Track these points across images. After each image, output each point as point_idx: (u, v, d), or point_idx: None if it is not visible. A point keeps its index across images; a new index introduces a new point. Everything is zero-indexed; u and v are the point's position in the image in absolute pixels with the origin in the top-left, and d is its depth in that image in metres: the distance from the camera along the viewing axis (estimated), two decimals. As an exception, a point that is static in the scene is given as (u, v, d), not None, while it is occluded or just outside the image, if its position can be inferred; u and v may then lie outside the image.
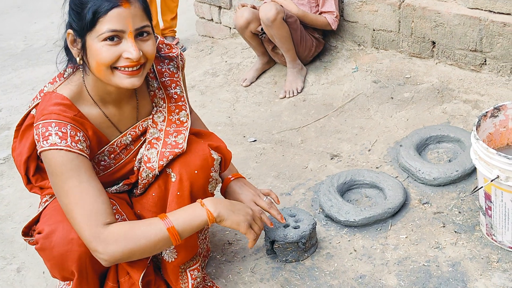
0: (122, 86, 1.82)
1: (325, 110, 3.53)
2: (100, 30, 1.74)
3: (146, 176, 2.07)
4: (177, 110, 2.09)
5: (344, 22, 3.91)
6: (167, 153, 2.03)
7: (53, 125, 1.80)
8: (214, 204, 1.89)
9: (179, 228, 1.82)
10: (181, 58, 2.16)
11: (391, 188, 2.61)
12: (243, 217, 1.93)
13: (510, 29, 3.13)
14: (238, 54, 4.42)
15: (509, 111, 2.34)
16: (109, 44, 1.76)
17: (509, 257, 2.21)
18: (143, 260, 2.02)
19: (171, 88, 2.10)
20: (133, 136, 2.06)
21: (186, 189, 2.03)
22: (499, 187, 2.11)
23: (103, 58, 1.77)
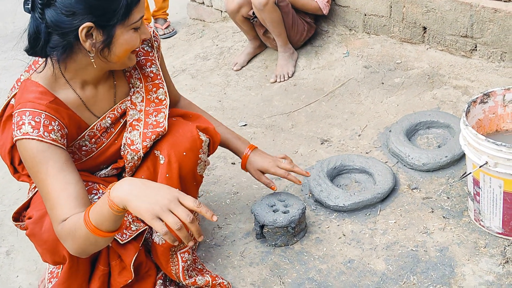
0: (130, 65, 1.93)
1: (315, 94, 3.53)
2: (134, 19, 1.79)
3: (132, 158, 2.06)
4: (154, 89, 2.08)
5: (335, 7, 3.89)
6: (149, 133, 2.02)
7: (27, 114, 1.78)
8: (117, 188, 1.59)
9: (92, 218, 1.62)
10: (156, 38, 2.14)
11: (380, 174, 2.62)
12: (149, 206, 1.54)
13: (500, 15, 3.14)
14: (229, 38, 4.40)
15: (499, 97, 2.34)
16: (135, 31, 1.83)
17: (497, 242, 2.23)
18: (134, 243, 2.02)
19: (146, 67, 2.09)
20: (112, 118, 2.04)
21: (175, 171, 2.03)
22: (488, 173, 2.12)
23: (133, 45, 1.84)
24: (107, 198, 1.59)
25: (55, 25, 1.72)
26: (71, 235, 1.67)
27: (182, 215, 1.54)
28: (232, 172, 2.89)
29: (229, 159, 2.97)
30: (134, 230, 2.02)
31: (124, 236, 1.99)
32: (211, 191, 2.75)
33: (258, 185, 2.76)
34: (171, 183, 2.02)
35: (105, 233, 1.64)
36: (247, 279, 2.25)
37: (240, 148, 2.37)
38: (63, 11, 1.71)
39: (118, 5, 1.74)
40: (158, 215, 1.54)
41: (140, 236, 2.05)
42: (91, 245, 1.69)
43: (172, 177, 2.03)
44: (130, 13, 1.77)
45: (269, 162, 2.33)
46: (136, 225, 2.03)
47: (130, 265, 2.00)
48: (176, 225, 1.54)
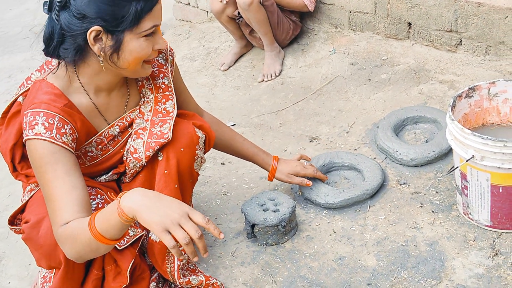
0: (143, 75, 1.94)
1: (303, 93, 3.54)
2: (145, 27, 1.79)
3: (134, 166, 2.09)
4: (163, 100, 2.10)
5: (320, 5, 3.91)
6: (153, 143, 2.04)
7: (41, 114, 1.80)
8: (129, 197, 1.59)
9: (98, 224, 1.62)
10: (171, 52, 2.17)
11: (369, 170, 2.63)
12: (159, 218, 1.55)
13: (484, 9, 3.16)
14: (216, 38, 4.40)
15: (484, 91, 2.36)
16: (148, 39, 1.83)
17: (486, 235, 2.25)
18: (131, 249, 2.02)
19: (158, 78, 2.11)
20: (120, 127, 2.06)
21: (173, 167, 2.05)
22: (475, 166, 2.14)
23: (144, 54, 1.84)
24: (116, 206, 1.59)
25: (67, 27, 1.77)
26: (71, 239, 1.67)
27: (191, 230, 1.55)
28: (222, 172, 2.89)
29: (219, 160, 2.98)
30: (132, 235, 2.03)
31: (122, 242, 1.99)
32: (201, 192, 2.75)
33: (248, 184, 2.77)
34: (170, 179, 2.05)
35: (108, 241, 1.63)
36: (239, 279, 2.26)
37: (267, 161, 2.50)
38: (75, 14, 1.75)
39: (127, 12, 1.76)
40: (167, 228, 1.55)
41: (137, 242, 2.06)
42: (91, 251, 1.69)
43: (171, 173, 2.05)
44: (140, 21, 1.78)
45: (296, 166, 2.51)
46: (134, 231, 2.04)
47: (127, 271, 1.99)
48: (185, 240, 1.54)
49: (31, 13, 5.46)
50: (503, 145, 2.01)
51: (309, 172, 2.53)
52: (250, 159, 2.51)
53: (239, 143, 2.48)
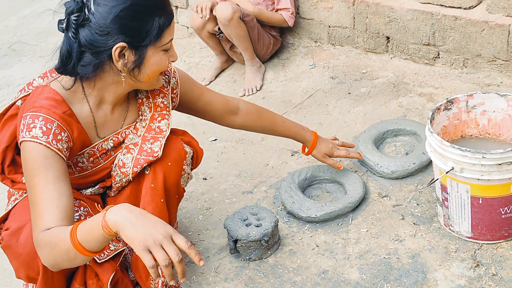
0: (156, 87, 2.03)
1: (284, 107, 3.55)
2: (165, 41, 1.86)
3: (120, 180, 2.09)
4: (159, 118, 2.11)
5: (300, 19, 3.94)
6: (142, 160, 2.05)
7: (40, 118, 1.81)
8: (115, 211, 1.59)
9: (80, 234, 1.61)
10: (174, 74, 2.20)
11: (351, 183, 2.65)
12: (142, 236, 1.54)
13: (461, 22, 3.21)
14: (197, 53, 4.41)
15: (462, 103, 2.39)
16: (165, 53, 1.90)
17: (467, 246, 2.27)
18: (112, 262, 2.01)
19: (158, 97, 2.13)
20: (114, 142, 2.07)
21: (160, 181, 2.06)
22: (455, 178, 2.16)
23: (163, 66, 1.91)
24: (101, 218, 1.59)
25: (89, 44, 1.80)
26: (50, 245, 1.67)
27: (172, 253, 1.55)
28: (204, 187, 2.89)
29: (201, 175, 2.97)
30: (112, 249, 2.02)
31: (102, 255, 1.98)
32: (183, 208, 2.74)
33: (230, 199, 2.77)
34: (156, 194, 2.05)
35: (87, 252, 1.63)
36: (222, 295, 2.25)
37: (308, 137, 2.58)
38: (97, 31, 1.78)
39: (151, 27, 1.82)
40: (149, 248, 1.55)
41: (118, 256, 2.05)
42: (68, 261, 1.68)
43: (157, 187, 2.06)
44: (162, 35, 1.84)
45: (332, 147, 2.61)
46: (115, 245, 2.03)
47: (107, 284, 1.99)
48: (165, 261, 1.54)
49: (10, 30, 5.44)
50: (482, 157, 2.04)
51: (342, 154, 2.63)
52: (291, 137, 2.61)
53: (280, 126, 2.54)
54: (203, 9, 3.70)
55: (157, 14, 1.82)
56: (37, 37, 5.13)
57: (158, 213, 2.04)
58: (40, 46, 4.95)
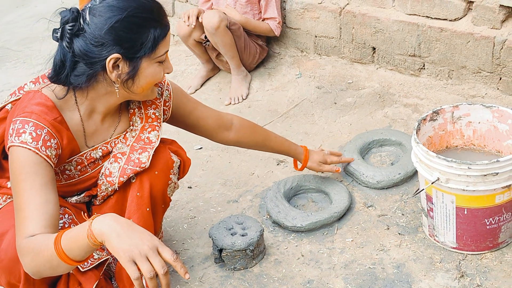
0: (151, 98, 2.01)
1: (270, 116, 3.55)
2: (159, 53, 1.86)
3: (106, 189, 2.07)
4: (149, 129, 2.09)
5: (286, 29, 3.95)
6: (129, 170, 2.03)
7: (30, 124, 1.80)
8: (101, 221, 1.59)
9: (64, 242, 1.60)
10: (167, 87, 2.18)
11: (336, 193, 2.65)
12: (127, 247, 1.54)
13: (447, 34, 3.23)
14: (182, 61, 4.40)
15: (447, 114, 2.41)
16: (160, 64, 1.89)
17: (452, 257, 2.28)
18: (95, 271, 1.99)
19: (150, 109, 2.12)
20: (103, 151, 2.06)
21: (146, 190, 2.05)
22: (440, 189, 2.17)
23: (158, 78, 1.90)
24: (87, 227, 1.58)
25: (83, 54, 1.79)
26: (34, 252, 1.65)
27: (157, 265, 1.55)
28: (189, 196, 2.87)
29: (186, 183, 2.96)
30: (96, 258, 2.00)
31: (86, 264, 1.97)
32: (168, 216, 2.72)
33: (215, 208, 2.75)
34: (142, 202, 2.04)
35: (71, 261, 1.62)
36: (207, 304, 2.23)
37: (300, 151, 2.62)
38: (92, 42, 1.78)
39: (146, 38, 1.81)
40: (134, 259, 1.54)
41: (102, 265, 2.03)
42: (50, 268, 1.67)
43: (143, 196, 2.05)
44: (156, 47, 1.84)
45: (323, 155, 2.65)
46: (99, 254, 2.01)
47: None
48: (150, 273, 1.54)
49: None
50: (467, 167, 2.05)
51: (335, 159, 2.68)
52: (283, 153, 2.63)
53: (273, 141, 2.57)
54: (190, 17, 3.69)
55: (152, 26, 1.82)
56: (21, 43, 5.09)
57: (144, 222, 2.03)
58: (24, 52, 4.91)
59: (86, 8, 1.81)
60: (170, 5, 4.54)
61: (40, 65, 1.90)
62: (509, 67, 3.07)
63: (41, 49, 4.72)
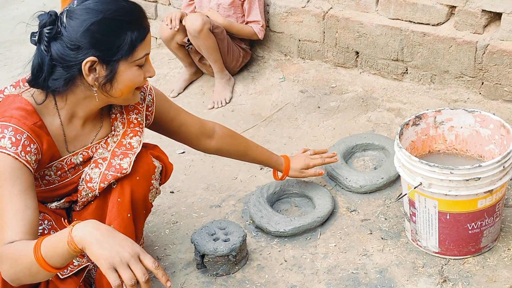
0: (133, 102, 1.97)
1: (253, 120, 3.54)
2: (138, 56, 1.83)
3: (86, 195, 2.04)
4: (131, 135, 2.07)
5: (270, 33, 3.94)
6: (110, 176, 2.00)
7: (10, 129, 1.77)
8: (82, 227, 1.57)
9: (44, 249, 1.58)
10: (150, 91, 2.16)
11: (319, 197, 2.64)
12: (108, 254, 1.52)
13: (429, 39, 3.24)
14: (165, 64, 4.38)
15: (430, 119, 2.41)
16: (140, 68, 1.86)
17: (434, 262, 2.28)
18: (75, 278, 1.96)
19: (132, 114, 2.09)
20: (84, 156, 2.02)
21: (127, 195, 2.02)
22: (422, 193, 2.17)
23: (137, 82, 1.87)
24: (67, 234, 1.56)
25: (60, 57, 1.77)
26: (13, 259, 1.62)
27: (138, 273, 1.53)
28: (171, 201, 2.85)
29: (168, 188, 2.93)
30: (76, 265, 1.98)
31: (65, 271, 1.94)
32: (149, 222, 2.70)
33: (197, 213, 2.73)
34: (123, 208, 2.01)
35: (50, 268, 1.59)
36: (189, 311, 2.21)
37: (280, 161, 2.59)
38: (68, 45, 1.76)
39: (122, 41, 1.78)
40: (115, 266, 1.52)
41: (81, 272, 2.00)
42: (29, 276, 1.64)
43: (124, 202, 2.02)
44: (134, 50, 1.81)
45: (305, 159, 2.61)
46: (79, 261, 1.98)
47: None
48: (131, 281, 1.52)
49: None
50: (449, 172, 2.05)
51: (318, 162, 2.63)
52: (264, 163, 2.61)
53: (253, 151, 2.55)
54: (173, 20, 3.67)
55: (129, 29, 1.79)
56: (2, 45, 5.04)
57: (124, 228, 2.01)
58: (4, 54, 4.85)
59: (64, 11, 1.79)
60: (153, 8, 4.51)
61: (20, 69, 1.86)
62: (491, 72, 3.09)
63: (22, 52, 4.68)
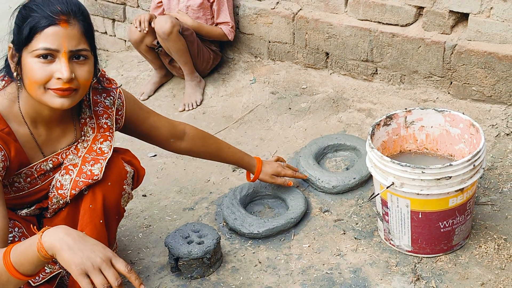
0: (52, 105, 1.78)
1: (225, 122, 3.53)
2: (35, 46, 1.73)
3: (57, 202, 2.01)
4: (101, 140, 2.04)
5: (240, 34, 3.94)
6: (81, 182, 1.97)
7: None
8: (52, 233, 1.54)
9: (14, 257, 1.55)
10: (119, 95, 2.12)
11: (292, 198, 2.65)
12: (79, 260, 1.50)
13: (398, 39, 3.28)
14: (135, 67, 4.35)
15: (401, 119, 2.43)
16: (42, 62, 1.73)
17: (407, 260, 2.30)
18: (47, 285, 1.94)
19: (102, 118, 2.06)
20: (54, 162, 1.99)
21: (99, 201, 1.99)
22: (395, 193, 2.18)
23: (35, 76, 1.73)
24: (37, 240, 1.53)
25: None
26: None
27: (111, 278, 1.51)
28: (144, 204, 2.82)
29: (140, 192, 2.91)
30: (48, 272, 1.95)
31: (37, 278, 1.91)
32: (122, 226, 2.67)
33: (171, 216, 2.71)
34: (95, 214, 1.99)
35: (21, 275, 1.56)
36: (163, 315, 2.19)
37: (252, 163, 2.59)
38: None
39: (24, 28, 1.73)
40: (87, 272, 1.50)
41: (54, 279, 1.97)
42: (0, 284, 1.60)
43: (96, 208, 1.99)
44: (32, 38, 1.73)
45: (277, 167, 2.62)
46: (51, 268, 1.95)
47: None
48: (103, 286, 1.50)
49: None
50: (421, 172, 2.07)
51: (289, 173, 2.65)
52: (236, 164, 2.61)
53: (225, 152, 2.54)
54: (142, 22, 3.65)
55: (33, 17, 1.73)
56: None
57: (97, 235, 1.98)
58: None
59: None
60: (121, 10, 4.47)
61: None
62: (460, 71, 3.13)
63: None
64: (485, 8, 3.00)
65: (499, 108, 3.07)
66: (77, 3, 1.82)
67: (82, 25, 1.79)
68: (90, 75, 1.83)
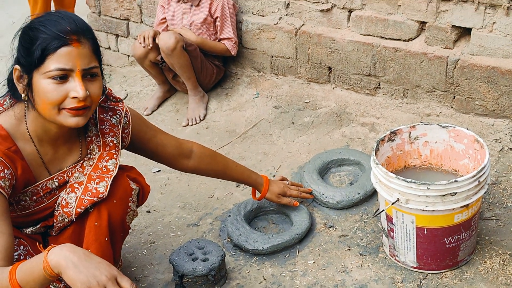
0: (66, 124, 1.80)
1: (228, 137, 3.54)
2: (48, 68, 1.74)
3: (62, 220, 2.01)
4: (107, 158, 2.04)
5: (243, 49, 3.95)
6: (86, 201, 1.97)
7: None
8: (57, 252, 1.55)
9: (19, 275, 1.56)
10: (126, 114, 2.13)
11: (297, 214, 2.64)
12: (85, 278, 1.51)
13: (401, 54, 3.29)
14: (138, 82, 4.36)
15: (405, 134, 2.44)
16: (55, 83, 1.75)
17: (412, 276, 2.29)
18: None
19: (108, 136, 2.06)
20: (60, 181, 1.99)
21: (104, 219, 1.99)
22: (400, 209, 2.18)
23: (50, 97, 1.75)
24: (43, 259, 1.54)
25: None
26: None
27: None
28: (148, 221, 2.82)
29: (144, 208, 2.91)
30: None
31: None
32: (126, 242, 2.67)
33: (175, 233, 2.71)
34: (100, 232, 1.99)
35: None
36: (169, 333, 2.19)
37: (259, 181, 2.58)
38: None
39: (35, 50, 1.73)
40: None
41: None
42: None
43: (101, 226, 2.00)
44: (44, 60, 1.74)
45: (283, 187, 2.62)
46: (56, 286, 1.95)
47: None
48: None
49: None
50: (426, 188, 2.07)
51: (294, 193, 2.65)
52: (243, 182, 2.61)
53: (233, 170, 2.53)
54: (146, 38, 3.66)
55: (43, 38, 1.74)
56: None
57: (102, 253, 1.98)
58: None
59: None
60: (124, 26, 4.49)
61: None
62: (462, 86, 3.14)
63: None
64: (488, 22, 3.01)
65: (502, 122, 3.07)
66: (82, 22, 1.84)
67: (92, 43, 1.82)
68: (100, 91, 1.87)
